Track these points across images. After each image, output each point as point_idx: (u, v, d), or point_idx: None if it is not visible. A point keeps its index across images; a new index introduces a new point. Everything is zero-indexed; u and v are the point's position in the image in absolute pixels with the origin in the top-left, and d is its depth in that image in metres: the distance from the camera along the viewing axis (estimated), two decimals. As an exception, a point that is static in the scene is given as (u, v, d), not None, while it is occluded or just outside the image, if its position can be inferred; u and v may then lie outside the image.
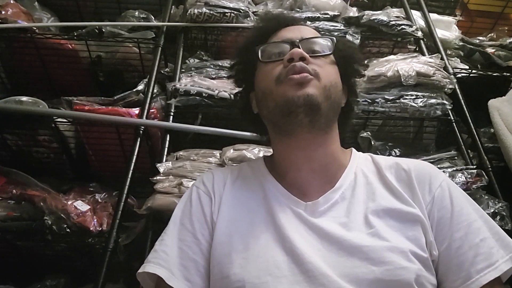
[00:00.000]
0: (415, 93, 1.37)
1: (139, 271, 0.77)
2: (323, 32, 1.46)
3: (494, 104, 1.38)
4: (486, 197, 1.18)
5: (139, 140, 1.29)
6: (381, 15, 1.61)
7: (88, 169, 1.50)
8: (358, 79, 0.94)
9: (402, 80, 1.36)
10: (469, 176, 1.22)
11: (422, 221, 0.73)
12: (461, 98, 1.46)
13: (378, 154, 1.25)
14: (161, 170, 1.19)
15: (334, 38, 0.85)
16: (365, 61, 1.05)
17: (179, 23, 1.60)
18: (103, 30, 1.67)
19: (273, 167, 0.86)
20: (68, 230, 1.24)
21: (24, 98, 1.40)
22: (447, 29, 1.78)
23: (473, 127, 1.40)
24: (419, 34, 1.62)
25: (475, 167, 1.27)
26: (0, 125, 1.38)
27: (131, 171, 1.22)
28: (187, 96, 1.33)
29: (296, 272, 0.69)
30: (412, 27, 1.62)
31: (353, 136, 1.40)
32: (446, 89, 1.41)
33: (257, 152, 1.19)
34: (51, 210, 1.25)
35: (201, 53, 1.56)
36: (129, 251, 1.28)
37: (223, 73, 1.45)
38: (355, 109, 0.96)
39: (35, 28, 1.54)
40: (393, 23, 1.60)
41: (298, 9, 1.68)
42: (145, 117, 1.33)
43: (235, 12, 1.56)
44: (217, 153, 1.24)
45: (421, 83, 1.39)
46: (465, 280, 0.69)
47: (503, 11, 2.13)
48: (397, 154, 1.34)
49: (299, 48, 0.80)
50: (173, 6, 1.70)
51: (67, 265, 1.40)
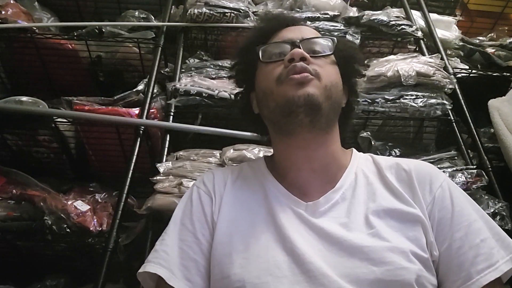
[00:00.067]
0: (415, 93, 1.37)
1: (139, 270, 0.77)
2: (323, 32, 1.46)
3: (494, 104, 1.38)
4: (486, 197, 1.18)
5: (139, 140, 1.29)
6: (381, 15, 1.61)
7: (88, 169, 1.50)
8: (358, 79, 0.94)
9: (402, 80, 1.36)
10: (469, 176, 1.22)
11: (423, 221, 0.73)
12: (461, 98, 1.46)
13: (378, 154, 1.26)
14: (161, 170, 1.19)
15: (335, 38, 0.85)
16: (365, 61, 1.05)
17: (179, 23, 1.60)
18: (103, 30, 1.67)
19: (273, 167, 0.86)
20: (68, 230, 1.24)
21: (24, 98, 1.40)
22: (447, 29, 1.78)
23: (473, 127, 1.40)
24: (419, 34, 1.62)
25: (475, 167, 1.27)
26: (0, 125, 1.38)
27: (131, 171, 1.22)
28: (187, 96, 1.33)
29: (297, 272, 0.69)
30: (412, 27, 1.62)
31: (353, 136, 1.40)
32: (446, 89, 1.41)
33: (257, 152, 1.19)
34: (51, 210, 1.25)
35: (201, 53, 1.56)
36: (129, 251, 1.28)
37: (223, 73, 1.45)
38: (355, 109, 0.96)
39: (35, 28, 1.54)
40: (393, 23, 1.60)
41: (298, 9, 1.68)
42: (145, 117, 1.33)
43: (235, 12, 1.56)
44: (217, 153, 1.24)
45: (421, 83, 1.39)
46: (465, 281, 0.69)
47: (503, 11, 2.13)
48: (397, 154, 1.34)
49: (299, 48, 0.80)
50: (173, 6, 1.70)
51: (67, 265, 1.40)
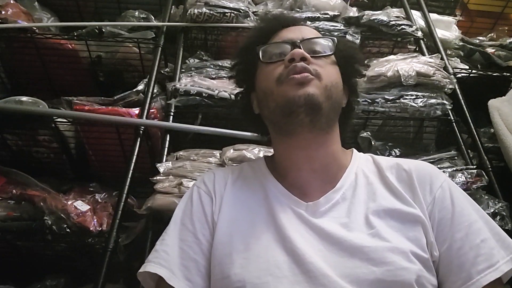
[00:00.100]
0: (415, 93, 1.37)
1: (140, 270, 0.77)
2: (323, 32, 1.46)
3: (494, 104, 1.38)
4: (486, 197, 1.18)
5: (139, 140, 1.29)
6: (381, 15, 1.61)
7: (88, 169, 1.50)
8: (358, 79, 0.94)
9: (402, 80, 1.36)
10: (469, 176, 1.22)
11: (423, 221, 0.73)
12: (461, 98, 1.46)
13: (378, 154, 1.26)
14: (161, 170, 1.19)
15: (335, 39, 0.85)
16: (365, 61, 1.05)
17: (179, 23, 1.60)
18: (103, 30, 1.67)
19: (274, 167, 0.86)
20: (68, 230, 1.24)
21: (24, 98, 1.40)
22: (447, 29, 1.78)
23: (473, 127, 1.40)
24: (419, 34, 1.62)
25: (475, 167, 1.27)
26: (0, 125, 1.37)
27: (131, 171, 1.22)
28: (187, 96, 1.33)
29: (297, 272, 0.69)
30: (412, 27, 1.62)
31: (353, 136, 1.40)
32: (446, 89, 1.41)
33: (257, 152, 1.19)
34: (51, 210, 1.25)
35: (201, 53, 1.56)
36: (129, 251, 1.28)
37: (223, 73, 1.45)
38: (355, 109, 0.96)
39: (35, 28, 1.54)
40: (393, 23, 1.60)
41: (298, 9, 1.68)
42: (145, 117, 1.33)
43: (235, 12, 1.56)
44: (217, 153, 1.24)
45: (421, 83, 1.38)
46: (465, 281, 0.69)
47: (503, 11, 2.13)
48: (397, 154, 1.34)
49: (300, 48, 0.80)
50: (173, 6, 1.70)
51: (67, 265, 1.40)
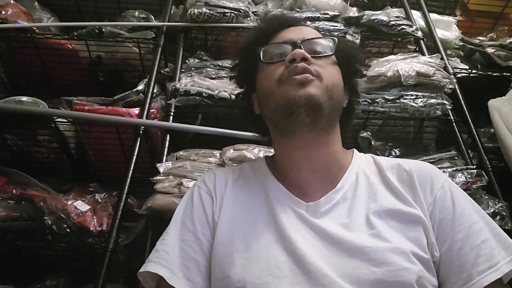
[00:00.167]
0: (415, 93, 1.37)
1: (140, 270, 0.77)
2: (323, 32, 1.46)
3: (494, 104, 1.38)
4: (486, 197, 1.18)
5: (139, 140, 1.29)
6: (381, 15, 1.61)
7: (88, 169, 1.50)
8: (359, 79, 0.94)
9: (402, 80, 1.36)
10: (469, 176, 1.22)
11: (424, 222, 0.73)
12: (461, 98, 1.46)
13: (378, 154, 1.26)
14: (161, 170, 1.19)
15: (336, 39, 0.85)
16: (365, 61, 1.05)
17: (179, 23, 1.60)
18: (103, 30, 1.67)
19: (274, 167, 0.86)
20: (68, 230, 1.24)
21: (24, 98, 1.40)
22: (447, 29, 1.78)
23: (473, 127, 1.40)
24: (419, 34, 1.62)
25: (475, 167, 1.27)
26: (0, 125, 1.37)
27: (131, 171, 1.22)
28: (187, 96, 1.33)
29: (297, 273, 0.69)
30: (412, 27, 1.62)
31: (353, 136, 1.40)
32: (446, 89, 1.41)
33: (257, 152, 1.19)
34: (51, 210, 1.25)
35: (201, 53, 1.56)
36: (129, 251, 1.28)
37: (223, 73, 1.45)
38: (356, 109, 0.96)
39: (35, 28, 1.54)
40: (393, 23, 1.60)
41: (298, 9, 1.68)
42: (145, 117, 1.33)
43: (235, 12, 1.56)
44: (217, 153, 1.24)
45: (421, 83, 1.38)
46: (466, 282, 0.69)
47: (503, 11, 2.13)
48: (397, 154, 1.34)
49: (300, 48, 0.80)
50: (173, 6, 1.70)
51: (67, 265, 1.40)
